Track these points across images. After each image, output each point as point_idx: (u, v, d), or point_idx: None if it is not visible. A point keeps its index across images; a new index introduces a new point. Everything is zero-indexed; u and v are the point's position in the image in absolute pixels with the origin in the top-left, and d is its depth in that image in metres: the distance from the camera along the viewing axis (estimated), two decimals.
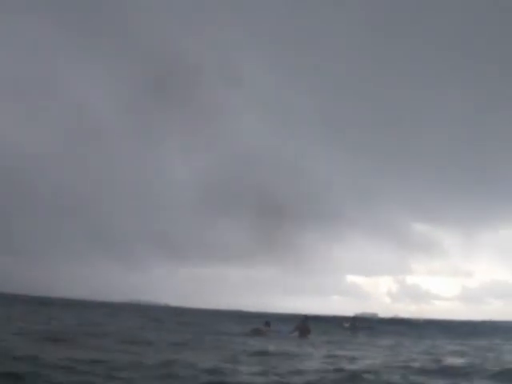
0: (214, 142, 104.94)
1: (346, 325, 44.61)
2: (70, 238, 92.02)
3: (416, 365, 15.18)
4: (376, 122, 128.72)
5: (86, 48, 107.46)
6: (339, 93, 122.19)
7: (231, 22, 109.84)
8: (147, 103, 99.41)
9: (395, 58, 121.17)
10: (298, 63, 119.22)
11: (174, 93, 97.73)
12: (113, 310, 53.22)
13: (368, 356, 18.64)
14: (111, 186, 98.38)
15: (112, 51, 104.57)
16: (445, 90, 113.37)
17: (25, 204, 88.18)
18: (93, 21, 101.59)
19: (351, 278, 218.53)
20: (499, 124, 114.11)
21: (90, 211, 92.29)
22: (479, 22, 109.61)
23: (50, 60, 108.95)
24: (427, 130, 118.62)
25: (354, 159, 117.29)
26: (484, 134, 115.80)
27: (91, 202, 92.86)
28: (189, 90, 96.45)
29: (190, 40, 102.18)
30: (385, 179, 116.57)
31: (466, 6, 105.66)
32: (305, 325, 29.78)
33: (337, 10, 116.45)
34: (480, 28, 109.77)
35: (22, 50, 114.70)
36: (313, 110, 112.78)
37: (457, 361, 17.18)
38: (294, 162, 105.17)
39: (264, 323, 30.15)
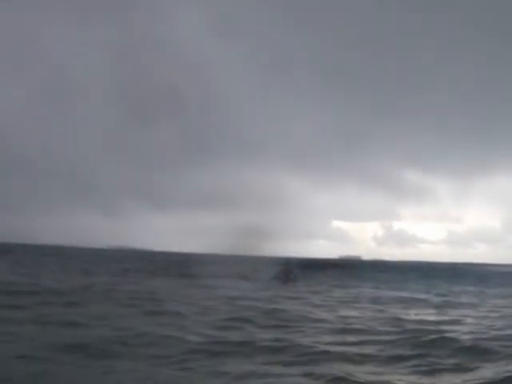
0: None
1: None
2: (50, 189, 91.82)
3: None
4: (371, 69, 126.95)
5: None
6: (337, 39, 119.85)
7: None
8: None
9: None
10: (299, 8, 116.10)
11: None
12: (98, 257, 54.37)
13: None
14: (89, 138, 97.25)
15: None
16: (444, 40, 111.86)
17: (2, 157, 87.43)
18: None
19: (337, 224, 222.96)
20: (498, 74, 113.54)
21: (69, 164, 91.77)
22: None
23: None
24: (424, 78, 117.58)
25: (344, 106, 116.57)
26: (482, 83, 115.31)
27: (70, 155, 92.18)
28: None
29: None
30: (376, 126, 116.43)
31: None
32: (289, 269, 30.35)
33: None
34: None
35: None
36: (310, 57, 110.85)
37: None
38: (281, 106, 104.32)
39: (251, 269, 31.63)
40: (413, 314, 16.68)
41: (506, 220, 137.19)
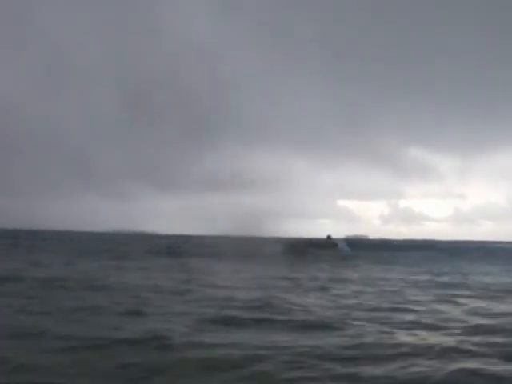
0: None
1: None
2: (54, 173, 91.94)
3: None
4: (373, 47, 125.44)
5: None
6: (339, 19, 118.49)
7: None
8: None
9: None
10: None
11: None
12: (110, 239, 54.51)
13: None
14: (93, 121, 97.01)
15: None
16: (446, 17, 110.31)
17: (5, 144, 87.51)
18: None
19: (343, 203, 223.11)
20: (500, 49, 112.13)
21: (75, 150, 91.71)
22: None
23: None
24: (426, 54, 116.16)
25: (345, 83, 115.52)
26: (484, 58, 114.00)
27: (77, 141, 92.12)
28: None
29: None
30: (379, 103, 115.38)
31: None
32: (297, 249, 30.25)
33: None
34: None
35: None
36: (310, 35, 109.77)
37: None
38: (282, 86, 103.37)
39: (259, 249, 31.99)
40: None
41: (511, 196, 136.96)
